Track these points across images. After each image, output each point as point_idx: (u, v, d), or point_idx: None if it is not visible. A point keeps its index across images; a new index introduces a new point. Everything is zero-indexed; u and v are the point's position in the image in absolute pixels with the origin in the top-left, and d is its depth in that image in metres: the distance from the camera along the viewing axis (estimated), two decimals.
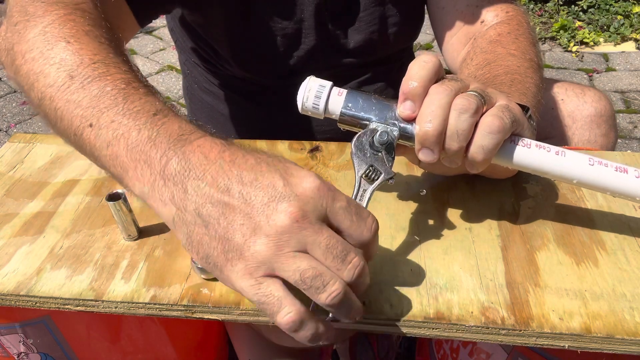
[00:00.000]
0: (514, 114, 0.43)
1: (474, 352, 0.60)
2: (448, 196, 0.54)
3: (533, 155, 0.44)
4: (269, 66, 0.75)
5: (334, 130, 0.78)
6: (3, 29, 0.48)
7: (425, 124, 0.42)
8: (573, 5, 2.60)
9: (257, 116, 0.82)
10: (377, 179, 0.43)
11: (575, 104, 0.73)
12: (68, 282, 0.46)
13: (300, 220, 0.34)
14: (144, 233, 0.51)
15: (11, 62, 0.46)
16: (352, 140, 0.43)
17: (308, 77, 0.46)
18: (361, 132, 0.44)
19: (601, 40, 2.40)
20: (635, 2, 2.51)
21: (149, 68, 2.39)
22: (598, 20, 2.49)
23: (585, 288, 0.44)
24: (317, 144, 0.63)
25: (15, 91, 2.26)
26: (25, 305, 0.46)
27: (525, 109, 0.46)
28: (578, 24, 2.49)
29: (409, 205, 0.53)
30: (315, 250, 0.34)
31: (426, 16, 0.79)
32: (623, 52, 2.34)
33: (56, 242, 0.50)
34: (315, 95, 0.45)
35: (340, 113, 0.45)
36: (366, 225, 0.36)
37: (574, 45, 2.39)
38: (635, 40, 2.39)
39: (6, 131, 2.02)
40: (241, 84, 0.80)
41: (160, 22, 2.63)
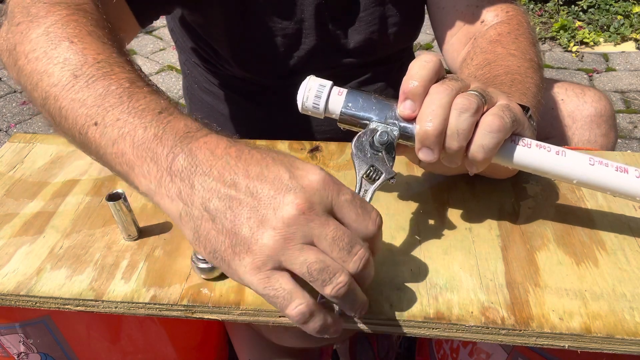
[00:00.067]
0: (515, 113, 0.43)
1: (474, 352, 0.60)
2: (448, 196, 0.54)
3: (533, 155, 0.44)
4: (269, 66, 0.75)
5: (334, 130, 0.78)
6: (4, 30, 0.48)
7: (426, 124, 0.42)
8: (573, 5, 2.60)
9: (257, 116, 0.82)
10: (378, 179, 0.43)
11: (575, 104, 0.73)
12: (68, 282, 0.46)
13: (307, 212, 0.34)
14: (144, 233, 0.51)
15: (14, 63, 0.46)
16: (353, 141, 0.43)
17: (308, 77, 0.46)
18: (361, 132, 0.44)
19: (601, 40, 2.40)
20: (635, 2, 2.51)
21: (149, 68, 2.39)
22: (598, 20, 2.49)
23: (585, 288, 0.44)
24: (317, 144, 0.63)
25: (15, 91, 2.26)
26: (25, 305, 0.46)
27: (526, 109, 0.46)
28: (578, 24, 2.49)
29: (409, 205, 0.53)
30: (321, 242, 0.35)
31: (426, 16, 0.79)
32: (623, 52, 2.34)
33: (56, 242, 0.50)
34: (315, 95, 0.45)
35: (341, 113, 0.45)
36: (371, 218, 0.37)
37: (574, 45, 2.39)
38: (635, 40, 2.39)
39: (6, 131, 2.02)
40: (241, 84, 0.80)
41: (160, 22, 2.63)
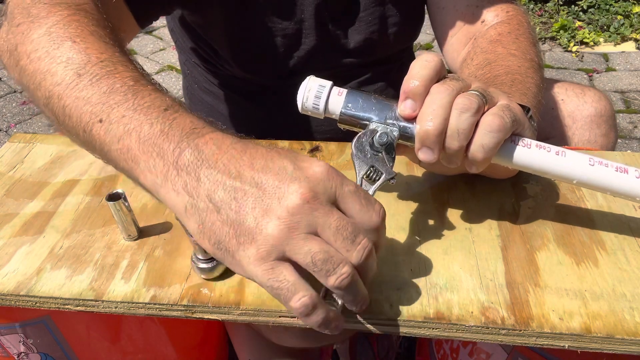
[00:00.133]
0: (515, 113, 0.43)
1: (474, 352, 0.60)
2: (448, 196, 0.54)
3: (533, 155, 0.44)
4: (269, 66, 0.75)
5: (334, 130, 0.78)
6: (4, 30, 0.48)
7: (426, 123, 0.42)
8: (573, 5, 2.60)
9: (257, 116, 0.82)
10: (379, 180, 0.43)
11: (575, 104, 0.73)
12: (68, 282, 0.46)
13: (311, 201, 0.35)
14: (144, 233, 0.51)
15: (15, 63, 0.46)
16: (352, 142, 0.43)
17: (308, 77, 0.45)
18: (361, 133, 0.43)
19: (601, 40, 2.40)
20: (635, 2, 2.51)
21: (149, 68, 2.39)
22: (598, 20, 2.49)
23: (585, 288, 0.44)
24: (317, 144, 0.63)
25: (15, 91, 2.26)
26: (25, 305, 0.46)
27: (526, 109, 0.46)
28: (578, 24, 2.49)
29: (409, 205, 0.53)
30: (325, 232, 0.35)
31: (426, 16, 0.79)
32: (623, 52, 2.34)
33: (56, 242, 0.50)
34: (315, 95, 0.45)
35: (340, 113, 0.45)
36: (375, 209, 0.37)
37: (574, 45, 2.39)
38: (635, 40, 2.39)
39: (6, 131, 2.02)
40: (241, 84, 0.80)
41: (160, 22, 2.63)
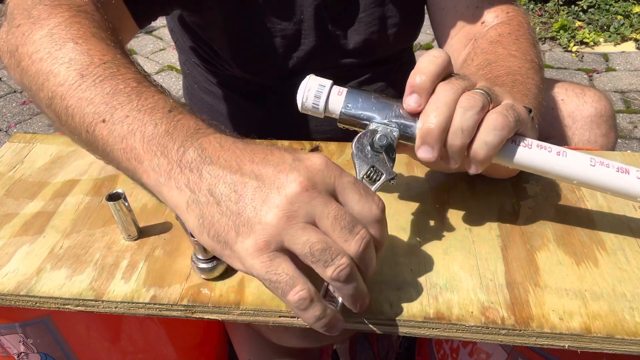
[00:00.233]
0: (519, 113, 0.43)
1: (474, 352, 0.60)
2: (448, 196, 0.54)
3: (534, 155, 0.44)
4: (268, 67, 0.75)
5: (334, 130, 0.78)
6: (4, 31, 0.48)
7: (429, 119, 0.42)
8: (573, 5, 2.60)
9: (257, 116, 0.82)
10: (379, 180, 0.43)
11: (575, 104, 0.73)
12: (68, 282, 0.46)
13: (310, 190, 0.35)
14: (144, 233, 0.51)
15: (16, 64, 0.46)
16: (353, 142, 0.43)
17: (308, 76, 0.45)
18: (361, 133, 0.43)
19: (601, 40, 2.40)
20: (635, 2, 2.51)
21: (149, 68, 2.39)
22: (598, 20, 2.49)
23: (585, 288, 0.44)
24: (317, 144, 0.63)
25: (15, 91, 2.26)
26: (25, 305, 0.46)
27: (528, 110, 0.46)
28: (578, 24, 2.49)
29: (409, 205, 0.53)
30: (323, 221, 0.35)
31: (426, 16, 0.79)
32: (623, 52, 2.34)
33: (56, 242, 0.50)
34: (314, 95, 0.45)
35: (340, 113, 0.45)
36: (374, 201, 0.37)
37: (574, 45, 2.39)
38: (635, 40, 2.39)
39: (6, 131, 2.02)
40: (241, 84, 0.80)
41: (160, 22, 2.63)
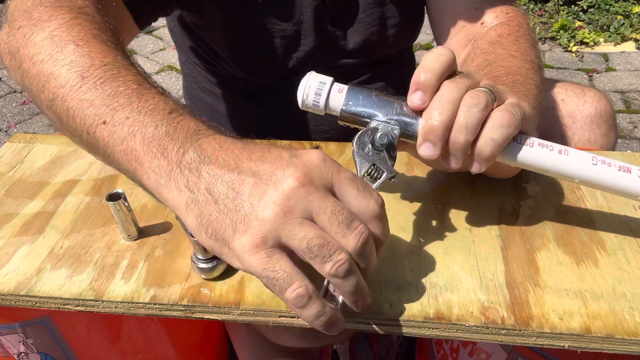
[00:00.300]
0: (524, 111, 0.43)
1: (474, 352, 0.60)
2: (448, 196, 0.54)
3: (536, 153, 0.44)
4: (268, 67, 0.75)
5: (334, 130, 0.78)
6: (5, 33, 0.48)
7: (433, 117, 0.42)
8: (573, 5, 2.60)
9: (257, 116, 0.82)
10: (380, 178, 0.43)
11: (575, 104, 0.73)
12: (68, 282, 0.46)
13: (307, 185, 0.35)
14: (144, 233, 0.51)
15: (17, 66, 0.47)
16: (354, 139, 0.43)
17: (309, 73, 0.45)
18: (362, 131, 0.43)
19: (601, 40, 2.40)
20: (635, 2, 2.51)
21: (149, 68, 2.39)
22: (598, 20, 2.49)
23: (585, 288, 0.44)
24: (317, 144, 0.63)
25: (15, 91, 2.26)
26: (25, 305, 0.46)
27: None
28: (578, 24, 2.49)
29: (409, 205, 0.53)
30: (320, 216, 0.35)
31: (426, 17, 0.79)
32: (623, 52, 2.34)
33: (56, 242, 0.50)
34: (315, 92, 0.45)
35: (341, 111, 0.45)
36: (372, 197, 0.37)
37: (574, 45, 2.39)
38: (635, 40, 2.39)
39: (6, 131, 2.02)
40: (241, 84, 0.80)
41: (160, 22, 2.63)
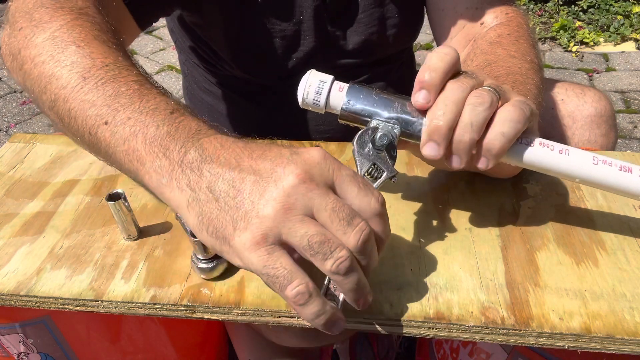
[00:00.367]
0: (532, 109, 0.43)
1: (474, 352, 0.60)
2: (448, 196, 0.54)
3: (537, 153, 0.44)
4: (268, 67, 0.75)
5: (334, 129, 0.78)
6: (6, 34, 0.49)
7: (437, 116, 0.41)
8: (573, 5, 2.60)
9: (257, 116, 0.82)
10: (380, 178, 0.43)
11: (575, 104, 0.73)
12: (68, 282, 0.46)
13: (308, 182, 0.35)
14: (144, 233, 0.51)
15: (19, 67, 0.47)
16: (354, 139, 0.43)
17: (309, 71, 0.45)
18: (362, 131, 0.43)
19: (601, 40, 2.40)
20: (635, 2, 2.51)
21: (149, 68, 2.39)
22: (598, 20, 2.49)
23: (585, 288, 0.44)
24: (317, 143, 0.63)
25: (15, 91, 2.26)
26: (25, 305, 0.46)
27: None
28: (578, 24, 2.49)
29: (409, 205, 0.53)
30: (321, 213, 0.35)
31: (426, 17, 0.79)
32: (623, 52, 2.34)
33: (56, 242, 0.50)
34: (315, 91, 0.45)
35: (341, 110, 0.45)
36: (373, 195, 0.37)
37: (574, 45, 2.39)
38: (635, 40, 2.39)
39: (6, 131, 2.02)
40: (241, 84, 0.80)
41: (160, 22, 2.62)
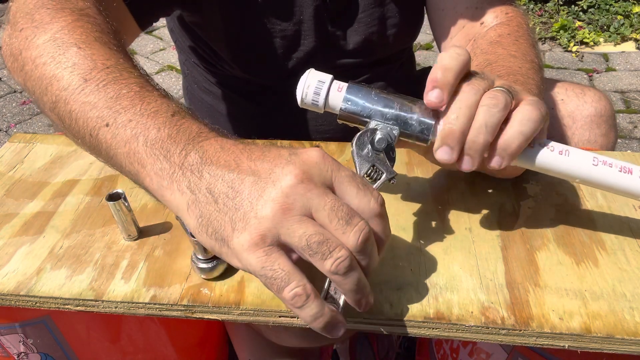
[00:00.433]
0: (546, 109, 0.43)
1: (474, 352, 0.60)
2: (448, 196, 0.54)
3: (537, 153, 0.44)
4: (268, 67, 0.75)
5: (334, 129, 0.78)
6: (7, 35, 0.48)
7: (451, 120, 0.41)
8: (573, 5, 2.60)
9: (257, 116, 0.82)
10: (379, 179, 0.43)
11: (575, 104, 0.73)
12: (68, 282, 0.46)
13: (306, 182, 0.35)
14: (144, 233, 0.51)
15: (20, 68, 0.47)
16: (353, 140, 0.43)
17: (308, 71, 0.45)
18: (361, 132, 0.43)
19: (601, 40, 2.40)
20: (635, 2, 2.51)
21: (149, 68, 2.40)
22: (598, 20, 2.49)
23: (585, 288, 0.44)
24: (317, 144, 0.63)
25: (15, 91, 2.26)
26: (25, 305, 0.46)
27: None
28: (578, 24, 2.49)
29: (409, 205, 0.53)
30: (319, 213, 0.35)
31: (426, 17, 0.79)
32: (623, 52, 2.34)
33: (56, 242, 0.50)
34: (314, 91, 0.45)
35: (340, 110, 0.44)
36: (373, 195, 0.37)
37: (574, 45, 2.39)
38: (635, 40, 2.39)
39: (6, 131, 2.02)
40: (241, 83, 0.80)
41: (160, 22, 2.62)
